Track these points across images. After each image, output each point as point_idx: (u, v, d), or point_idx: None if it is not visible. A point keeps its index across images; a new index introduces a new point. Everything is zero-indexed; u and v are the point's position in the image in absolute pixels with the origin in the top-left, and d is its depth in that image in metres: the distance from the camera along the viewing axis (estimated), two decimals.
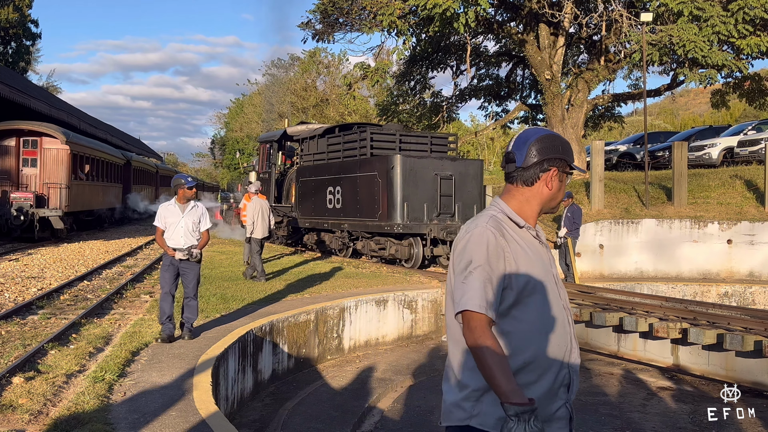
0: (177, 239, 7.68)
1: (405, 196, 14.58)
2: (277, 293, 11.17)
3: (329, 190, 17.09)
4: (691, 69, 18.45)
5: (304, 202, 18.63)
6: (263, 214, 13.01)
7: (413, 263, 14.94)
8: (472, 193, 15.44)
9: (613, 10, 19.14)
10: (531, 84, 27.18)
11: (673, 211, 16.52)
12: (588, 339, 10.87)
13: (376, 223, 15.14)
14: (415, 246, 14.91)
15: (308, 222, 18.49)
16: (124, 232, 30.62)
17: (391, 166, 14.63)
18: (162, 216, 7.80)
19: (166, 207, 7.80)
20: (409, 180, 14.64)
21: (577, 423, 8.08)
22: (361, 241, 16.23)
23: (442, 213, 14.91)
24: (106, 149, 31.06)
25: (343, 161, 16.71)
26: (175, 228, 7.69)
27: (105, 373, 6.29)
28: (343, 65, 52.86)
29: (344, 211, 16.44)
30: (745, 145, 21.99)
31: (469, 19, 17.41)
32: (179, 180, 7.83)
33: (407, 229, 14.60)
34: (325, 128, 18.87)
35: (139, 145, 56.74)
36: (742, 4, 16.75)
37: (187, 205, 7.79)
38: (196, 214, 7.79)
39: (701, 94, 54.19)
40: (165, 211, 7.79)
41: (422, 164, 14.93)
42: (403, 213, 14.55)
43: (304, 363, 9.72)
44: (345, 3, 20.25)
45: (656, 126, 47.35)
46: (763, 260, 15.17)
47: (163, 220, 7.78)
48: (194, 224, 7.74)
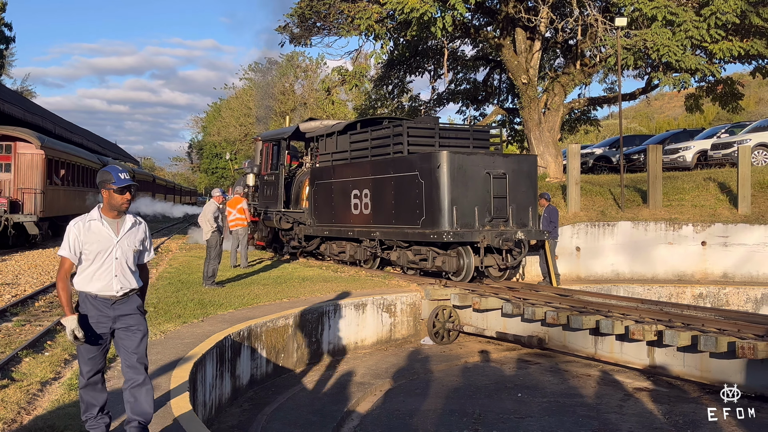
0: (106, 280, 4.76)
1: (453, 199, 12.59)
2: (255, 298, 11.13)
3: (354, 194, 14.98)
4: (665, 73, 18.67)
5: (320, 207, 16.43)
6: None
7: (463, 276, 12.97)
8: (526, 193, 13.44)
9: (588, 14, 19.32)
10: (508, 88, 27.37)
11: (648, 214, 16.69)
12: (565, 342, 10.95)
13: (418, 230, 13.04)
14: (465, 256, 12.92)
15: (327, 230, 16.20)
16: None
17: (437, 164, 12.64)
18: (74, 240, 4.75)
19: (85, 224, 4.78)
20: (458, 180, 12.68)
21: (554, 424, 8.12)
22: (395, 252, 14.25)
23: (495, 217, 12.90)
24: (81, 154, 30.77)
25: (372, 160, 14.56)
26: (103, 261, 4.76)
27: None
28: (321, 69, 52.88)
29: (375, 217, 14.38)
30: (719, 148, 22.30)
31: (446, 23, 17.48)
32: (105, 175, 4.80)
33: (458, 237, 12.51)
34: (346, 124, 16.70)
35: (115, 150, 56.29)
36: (714, 9, 16.98)
37: (122, 219, 4.86)
38: (137, 236, 4.91)
39: (675, 98, 54.83)
40: (82, 230, 4.76)
41: (472, 161, 12.93)
42: (452, 218, 12.53)
43: (282, 368, 9.70)
44: (322, 7, 20.24)
45: (631, 129, 47.85)
46: (737, 261, 15.38)
47: (77, 246, 4.75)
48: (135, 253, 4.88)
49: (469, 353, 11.37)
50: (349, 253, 15.79)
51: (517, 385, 9.38)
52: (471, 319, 12.22)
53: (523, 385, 9.36)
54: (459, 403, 8.56)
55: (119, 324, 4.80)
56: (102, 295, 4.77)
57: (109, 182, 4.75)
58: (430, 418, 8.01)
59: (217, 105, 65.70)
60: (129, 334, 4.81)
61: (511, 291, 12.07)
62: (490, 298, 11.63)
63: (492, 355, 11.24)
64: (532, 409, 8.37)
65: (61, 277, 4.74)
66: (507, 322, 11.70)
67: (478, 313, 12.02)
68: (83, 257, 4.77)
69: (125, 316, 4.81)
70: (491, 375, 10.03)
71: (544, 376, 9.91)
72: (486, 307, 11.58)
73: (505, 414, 8.14)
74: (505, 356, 11.19)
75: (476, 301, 11.62)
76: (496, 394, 8.98)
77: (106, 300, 4.78)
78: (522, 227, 13.03)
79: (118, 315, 4.79)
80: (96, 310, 4.77)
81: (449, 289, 12.31)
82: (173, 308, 10.11)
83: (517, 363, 10.71)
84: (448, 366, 10.56)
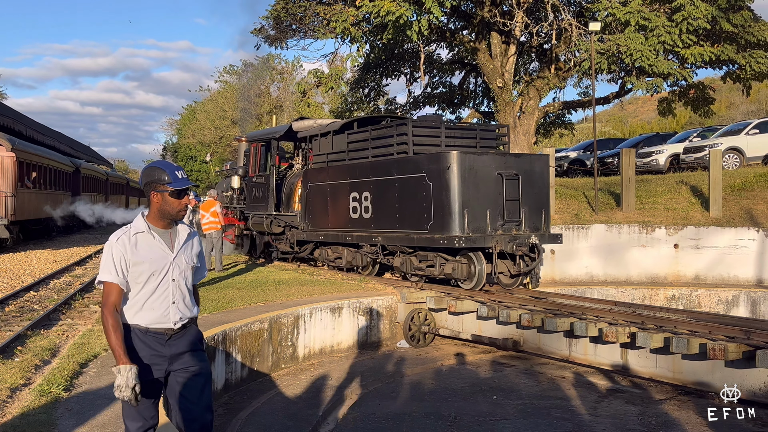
0: (161, 309, 3.79)
1: (464, 202, 11.81)
2: (230, 302, 11.06)
3: (353, 197, 14.10)
4: (638, 77, 18.91)
5: (315, 210, 15.51)
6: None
7: (475, 284, 12.22)
8: (539, 195, 12.72)
9: (563, 19, 19.49)
10: (483, 91, 27.51)
11: (621, 217, 16.86)
12: (540, 344, 11.02)
13: (426, 235, 12.20)
14: (477, 262, 12.17)
15: (322, 234, 15.28)
16: (73, 240, 29.96)
17: (447, 165, 11.82)
18: (120, 259, 3.72)
19: (130, 238, 3.77)
20: (469, 181, 11.89)
21: (529, 426, 8.16)
22: (398, 257, 13.44)
23: (507, 221, 12.18)
24: (54, 156, 30.42)
25: (373, 161, 13.68)
26: (157, 284, 3.79)
27: (52, 386, 6.15)
28: (296, 72, 52.74)
29: (376, 221, 13.52)
30: (691, 152, 22.62)
31: (422, 27, 17.54)
32: (157, 173, 3.82)
33: (470, 243, 11.78)
34: (343, 123, 15.71)
35: (88, 152, 55.67)
36: (686, 15, 17.23)
37: (174, 230, 3.93)
38: (194, 250, 4.01)
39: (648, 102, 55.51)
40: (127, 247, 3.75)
41: (483, 162, 12.16)
42: (463, 222, 11.77)
43: (257, 372, 9.64)
44: (298, 9, 20.21)
45: (605, 133, 48.34)
46: (708, 264, 15.59)
47: (124, 267, 3.73)
48: (192, 270, 3.98)
49: (444, 356, 11.39)
50: (346, 259, 14.85)
51: (493, 388, 9.41)
52: (446, 322, 12.25)
53: (498, 388, 9.40)
54: (434, 406, 8.57)
55: (176, 365, 3.82)
56: (155, 328, 3.77)
57: (163, 182, 3.77)
58: (405, 421, 8.01)
59: (192, 107, 65.25)
60: (189, 377, 3.82)
61: (486, 294, 12.12)
62: (465, 301, 11.66)
63: (467, 358, 11.27)
64: (508, 411, 8.40)
65: (110, 310, 3.64)
66: (482, 325, 11.75)
67: (453, 316, 12.05)
68: (130, 281, 3.75)
69: (183, 354, 3.83)
70: (467, 378, 10.06)
71: (519, 379, 9.96)
72: (461, 310, 11.61)
73: (480, 416, 8.17)
74: (481, 359, 11.23)
75: (452, 304, 11.65)
76: (472, 397, 9.01)
77: (160, 335, 3.78)
78: (535, 231, 12.43)
79: (174, 353, 3.80)
80: (148, 348, 3.75)
81: (425, 292, 12.33)
82: None
83: (493, 365, 10.75)
84: (424, 369, 10.57)
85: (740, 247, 15.31)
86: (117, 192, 49.11)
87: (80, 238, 32.12)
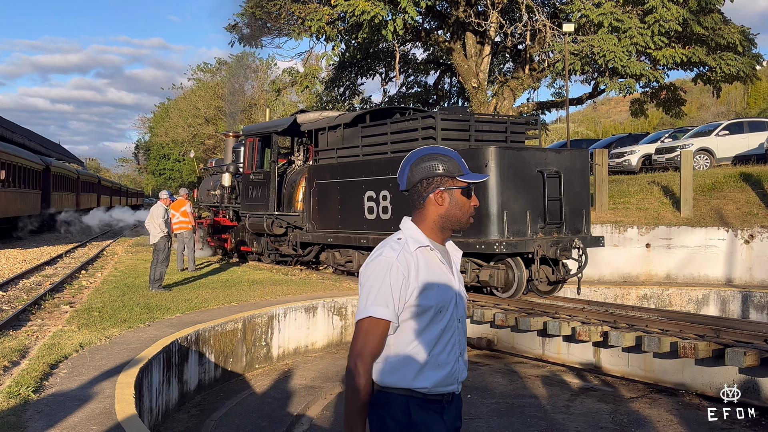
0: (449, 364, 2.65)
1: (503, 203, 10.74)
2: (203, 302, 10.97)
3: (369, 196, 12.93)
4: (611, 78, 19.11)
5: (322, 210, 14.36)
6: None
7: (513, 291, 11.17)
8: (580, 194, 11.75)
9: (537, 20, 19.62)
10: (458, 91, 27.63)
11: (594, 216, 16.99)
12: (514, 343, 11.08)
13: (459, 239, 10.49)
14: (516, 269, 11.11)
15: (331, 236, 14.09)
16: (44, 240, 29.54)
17: (485, 162, 10.69)
18: (401, 287, 2.50)
19: (413, 254, 2.59)
20: (508, 180, 10.82)
21: (503, 425, 8.18)
22: None
23: (548, 223, 11.19)
24: (23, 154, 29.94)
25: (393, 157, 12.45)
26: (444, 326, 2.59)
27: (21, 388, 6.04)
28: (271, 70, 52.48)
29: (397, 223, 12.37)
30: (662, 153, 22.90)
31: (398, 26, 17.56)
32: (443, 161, 2.64)
33: (511, 248, 10.71)
34: (355, 115, 14.33)
35: (59, 150, 54.96)
36: (658, 17, 17.44)
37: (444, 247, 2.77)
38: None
39: (621, 103, 56.10)
40: (412, 268, 2.54)
41: (522, 158, 11.11)
42: (502, 225, 10.69)
43: (231, 372, 9.57)
44: (273, 8, 20.10)
45: (579, 133, 48.81)
46: (679, 263, 15.77)
47: (403, 298, 2.51)
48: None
49: None
50: (358, 263, 13.73)
51: (467, 387, 9.44)
52: None
53: (472, 387, 9.43)
54: None
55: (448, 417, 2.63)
56: (436, 393, 2.58)
57: (452, 175, 2.62)
58: None
59: (165, 105, 64.65)
60: None
61: None
62: None
63: None
64: (482, 410, 8.43)
65: (366, 366, 2.48)
66: None
67: None
68: (405, 319, 2.55)
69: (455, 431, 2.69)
70: None
71: (493, 378, 10.00)
72: None
73: None
74: None
75: None
76: None
77: (436, 404, 2.58)
78: (576, 233, 11.62)
79: (450, 428, 2.64)
80: (425, 426, 2.53)
81: None
82: (119, 312, 9.90)
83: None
84: None
85: (710, 246, 15.51)
86: (88, 191, 48.48)
87: (51, 237, 31.68)
